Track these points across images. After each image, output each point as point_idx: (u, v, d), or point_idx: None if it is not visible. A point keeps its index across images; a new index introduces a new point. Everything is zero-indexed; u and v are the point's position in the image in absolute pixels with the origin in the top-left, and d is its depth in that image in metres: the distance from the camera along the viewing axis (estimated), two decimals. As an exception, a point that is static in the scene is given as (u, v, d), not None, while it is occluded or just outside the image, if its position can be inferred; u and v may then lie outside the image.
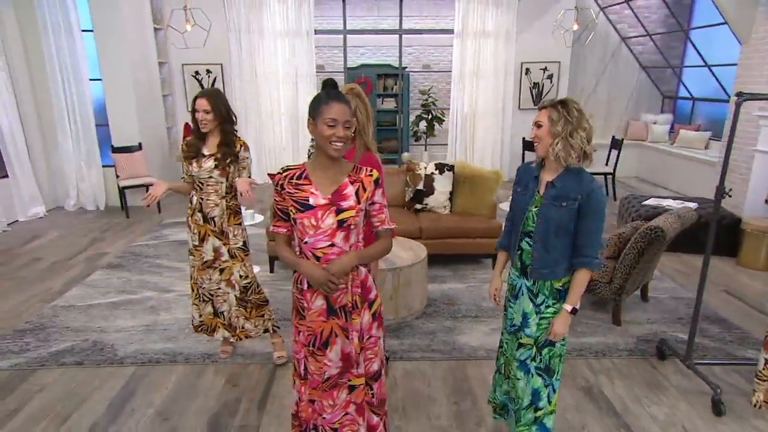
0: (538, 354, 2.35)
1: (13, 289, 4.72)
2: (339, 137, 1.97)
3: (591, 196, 2.16)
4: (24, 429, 2.89)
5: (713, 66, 8.27)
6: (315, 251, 2.05)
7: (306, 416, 2.25)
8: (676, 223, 3.64)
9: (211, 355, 3.58)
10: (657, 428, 2.85)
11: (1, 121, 6.41)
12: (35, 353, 3.62)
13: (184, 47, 7.63)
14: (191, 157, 3.18)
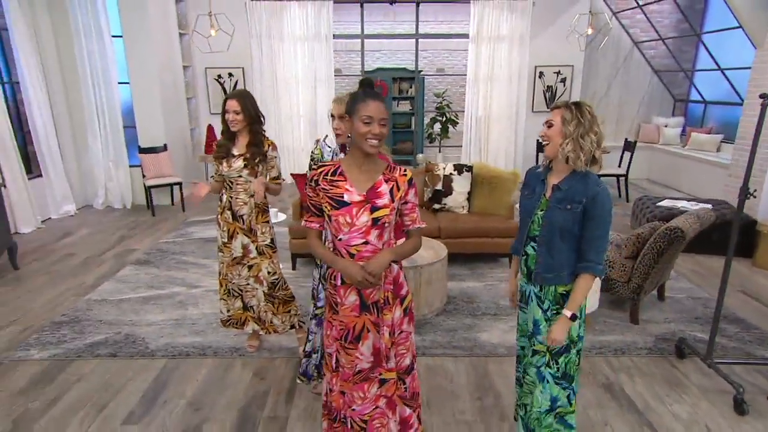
0: (554, 362, 2.26)
1: (48, 283, 4.77)
2: (374, 134, 1.96)
3: (596, 199, 2.07)
4: (64, 417, 2.93)
5: (726, 69, 8.16)
6: (349, 248, 2.04)
7: (336, 406, 2.25)
8: (696, 224, 3.60)
9: (239, 349, 3.59)
10: (680, 426, 2.82)
11: (36, 122, 6.48)
12: (72, 344, 3.66)
13: (208, 51, 7.68)
14: (221, 158, 3.21)
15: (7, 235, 4.92)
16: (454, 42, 10.06)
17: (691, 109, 9.70)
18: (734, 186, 6.76)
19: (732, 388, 3.01)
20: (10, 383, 3.23)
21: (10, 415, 2.93)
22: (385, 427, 2.21)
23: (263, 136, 3.25)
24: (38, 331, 3.85)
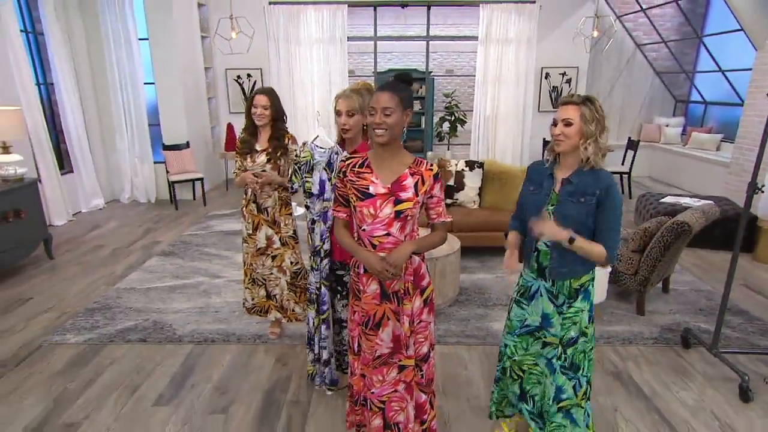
0: (563, 353, 2.21)
1: (80, 272, 4.81)
2: (377, 124, 1.93)
3: (610, 190, 2.01)
4: (101, 397, 2.96)
5: (727, 71, 8.07)
6: (372, 239, 2.03)
7: (357, 388, 2.27)
8: (701, 219, 3.56)
9: (261, 336, 3.60)
10: (686, 412, 2.80)
11: (68, 122, 6.53)
12: (104, 330, 3.69)
13: (229, 53, 7.69)
14: (245, 153, 3.22)
15: (43, 227, 4.97)
16: (462, 44, 10.02)
17: (692, 109, 9.60)
18: (734, 183, 6.71)
19: (737, 376, 2.98)
20: (49, 365, 3.27)
21: (50, 394, 2.97)
22: (403, 410, 2.21)
23: (284, 130, 3.25)
24: (73, 317, 3.88)
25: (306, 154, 2.69)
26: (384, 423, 2.23)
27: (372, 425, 2.25)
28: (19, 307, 4.07)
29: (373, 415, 2.23)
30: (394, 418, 2.22)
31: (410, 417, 2.22)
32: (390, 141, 1.98)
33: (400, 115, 1.94)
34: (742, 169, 6.65)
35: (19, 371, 3.20)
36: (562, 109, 2.03)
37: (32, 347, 3.48)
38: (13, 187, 4.50)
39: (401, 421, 2.21)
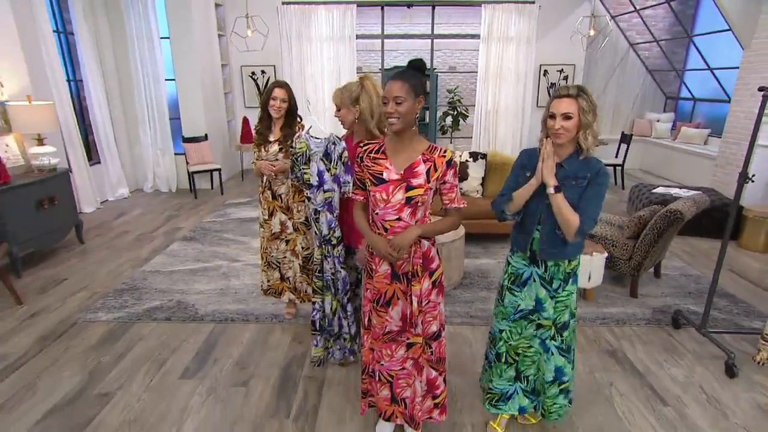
0: (558, 335, 2.22)
1: (109, 255, 4.84)
2: (389, 113, 1.91)
3: (599, 173, 2.01)
4: (132, 369, 3.00)
5: (715, 69, 8.00)
6: (384, 222, 2.03)
7: (366, 360, 2.29)
8: (693, 207, 3.56)
9: (278, 315, 3.62)
10: (677, 388, 2.82)
11: (96, 116, 6.53)
12: (132, 309, 3.71)
13: (245, 50, 7.67)
14: (260, 144, 3.22)
15: (74, 214, 4.99)
16: (465, 42, 9.95)
17: (681, 105, 9.53)
18: (720, 175, 6.68)
19: (723, 354, 3.01)
20: (83, 340, 3.31)
21: (86, 367, 3.01)
22: (410, 386, 2.22)
23: (296, 122, 3.23)
24: (103, 296, 3.92)
25: (302, 146, 2.58)
26: (391, 395, 2.26)
27: (380, 395, 2.27)
28: (55, 287, 4.11)
29: (381, 386, 2.26)
30: (401, 393, 2.24)
31: (417, 392, 2.22)
32: (404, 128, 1.96)
33: (412, 103, 1.91)
34: (728, 162, 6.61)
35: (57, 345, 3.24)
36: (560, 103, 1.98)
37: (68, 324, 3.52)
38: (48, 177, 4.51)
39: (408, 396, 2.24)
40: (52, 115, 4.54)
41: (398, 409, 2.26)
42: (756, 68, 6.02)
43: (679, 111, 9.54)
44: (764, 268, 4.58)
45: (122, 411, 2.62)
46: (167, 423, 2.53)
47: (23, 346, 3.24)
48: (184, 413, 2.60)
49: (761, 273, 4.45)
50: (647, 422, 2.53)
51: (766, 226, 4.93)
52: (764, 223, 4.93)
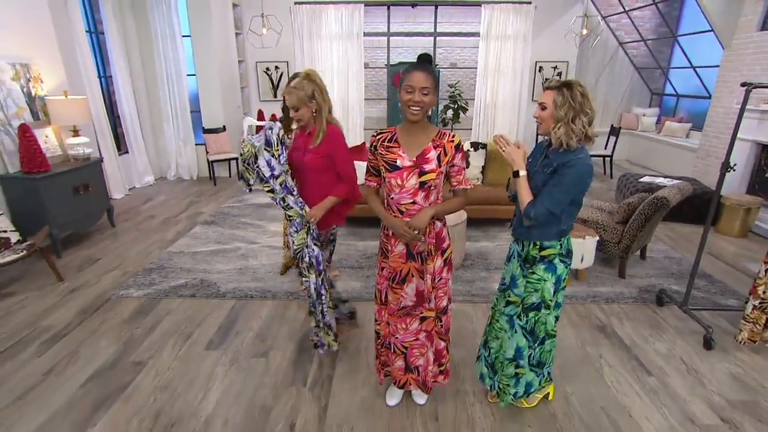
0: (524, 315, 2.14)
1: (138, 238, 4.87)
2: (415, 102, 1.87)
3: (567, 164, 1.88)
4: (162, 340, 3.04)
5: (698, 67, 7.91)
6: (399, 206, 2.03)
7: (384, 334, 2.30)
8: (678, 194, 3.54)
9: (293, 293, 3.63)
10: (660, 359, 2.84)
11: (124, 109, 6.51)
12: (160, 286, 3.74)
13: (261, 47, 7.61)
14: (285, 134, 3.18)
15: (106, 199, 5.00)
16: (465, 40, 9.84)
17: (666, 101, 9.44)
18: (701, 166, 6.66)
19: (702, 329, 3.03)
20: (117, 314, 3.35)
21: (120, 338, 3.05)
22: (423, 356, 2.26)
23: None
24: (134, 275, 3.95)
25: (248, 148, 2.45)
26: (405, 365, 2.29)
27: (395, 365, 2.31)
28: (91, 266, 4.15)
29: (396, 357, 2.29)
30: (415, 362, 2.27)
31: (429, 361, 2.27)
32: (422, 118, 1.94)
33: (434, 96, 1.90)
34: (708, 154, 6.59)
35: (95, 319, 3.29)
36: (543, 94, 1.96)
37: (103, 299, 3.56)
38: (82, 165, 4.51)
39: (421, 365, 2.27)
40: (85, 109, 4.53)
41: (412, 376, 2.30)
42: (735, 67, 5.98)
43: (664, 106, 9.46)
44: (739, 251, 4.59)
45: (154, 378, 2.66)
46: (195, 389, 2.57)
47: (66, 318, 3.28)
48: (210, 381, 2.64)
49: (736, 256, 4.46)
50: (633, 390, 2.56)
51: (741, 212, 4.92)
52: (739, 210, 4.92)
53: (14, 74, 4.16)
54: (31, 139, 3.99)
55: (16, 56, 4.21)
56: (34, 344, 2.96)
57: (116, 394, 2.52)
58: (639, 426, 2.30)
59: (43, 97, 4.44)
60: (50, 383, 2.61)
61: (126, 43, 6.58)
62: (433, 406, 2.42)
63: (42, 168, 4.07)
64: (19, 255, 3.48)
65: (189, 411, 2.39)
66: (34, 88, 4.36)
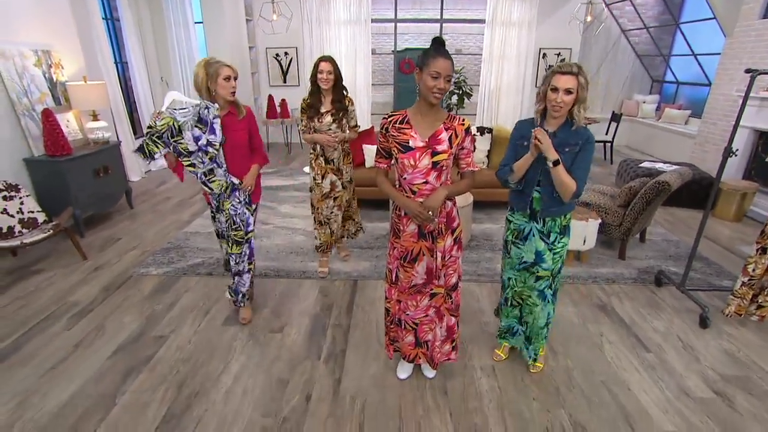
0: (553, 282, 2.30)
1: (155, 218, 4.90)
2: (440, 89, 1.85)
3: (589, 141, 2.05)
4: (181, 316, 3.08)
5: (699, 55, 7.77)
6: (412, 186, 2.02)
7: (393, 311, 2.32)
8: (678, 179, 3.52)
9: (305, 272, 3.65)
10: (658, 337, 2.87)
11: (139, 94, 6.50)
12: (178, 265, 3.77)
13: (271, 33, 7.53)
14: (312, 116, 3.20)
15: (124, 182, 5.02)
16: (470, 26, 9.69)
17: (666, 88, 9.30)
18: (699, 152, 6.61)
19: (698, 308, 3.06)
20: (138, 291, 3.39)
21: (143, 314, 3.10)
22: (432, 331, 2.28)
23: (344, 93, 3.23)
24: (153, 254, 3.98)
25: (165, 121, 2.40)
26: (415, 340, 2.32)
27: (405, 341, 2.34)
28: (112, 245, 4.19)
29: (406, 333, 2.31)
30: (424, 337, 2.30)
31: (437, 336, 2.29)
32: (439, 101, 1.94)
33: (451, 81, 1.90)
34: (706, 140, 6.53)
35: (118, 295, 3.33)
36: (562, 79, 1.96)
37: (125, 277, 3.60)
38: (102, 149, 4.52)
39: (430, 339, 2.30)
40: (104, 94, 4.52)
41: (421, 351, 2.33)
42: (737, 54, 5.88)
43: (664, 93, 9.33)
44: (734, 234, 4.58)
45: (176, 351, 2.70)
46: (215, 361, 2.62)
47: (91, 294, 3.33)
48: (229, 354, 2.68)
49: (731, 239, 4.46)
50: (632, 365, 2.59)
51: (737, 197, 4.90)
52: (736, 195, 4.90)
53: (36, 60, 4.15)
54: (54, 123, 4.00)
55: (38, 43, 4.20)
56: (63, 318, 3.02)
57: (141, 365, 2.58)
58: (637, 399, 2.34)
59: (64, 82, 4.43)
60: (80, 355, 2.66)
61: (141, 30, 6.53)
62: (441, 380, 2.46)
63: (65, 151, 4.08)
64: (46, 234, 3.52)
65: (210, 382, 2.45)
66: (56, 74, 4.35)
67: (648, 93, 9.46)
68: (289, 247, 4.11)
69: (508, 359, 2.63)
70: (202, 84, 2.54)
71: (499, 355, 2.63)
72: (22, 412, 2.23)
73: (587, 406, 2.29)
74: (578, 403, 2.31)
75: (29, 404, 2.29)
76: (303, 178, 6.43)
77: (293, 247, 4.12)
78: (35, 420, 2.19)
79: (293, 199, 5.53)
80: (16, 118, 3.95)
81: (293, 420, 2.19)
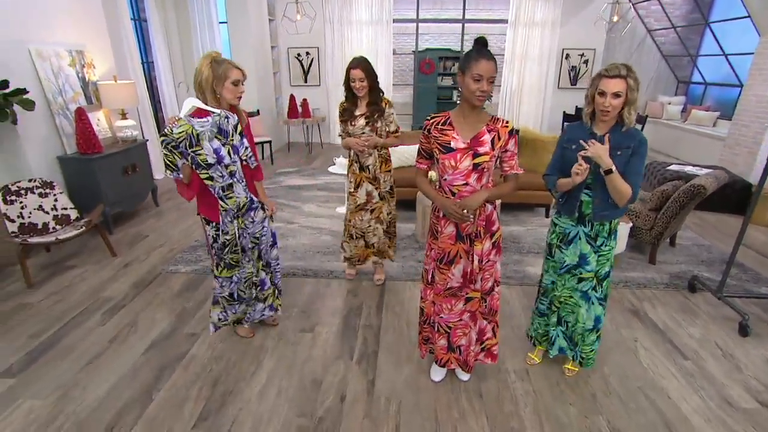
0: (599, 286, 2.27)
1: (180, 216, 4.96)
2: (483, 91, 1.83)
3: (642, 141, 2.01)
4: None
5: (730, 55, 7.62)
6: (452, 187, 2.00)
7: (428, 312, 2.31)
8: (714, 183, 3.45)
9: (333, 272, 3.64)
10: (695, 344, 2.81)
11: (164, 93, 6.59)
12: (205, 263, 3.79)
13: (294, 33, 7.58)
14: (346, 120, 3.01)
15: (150, 180, 5.10)
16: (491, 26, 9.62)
17: (692, 89, 9.14)
18: (728, 155, 6.47)
19: (736, 315, 3.00)
20: (168, 288, 3.43)
21: (173, 311, 3.13)
22: (466, 335, 2.26)
23: (381, 95, 2.98)
24: (180, 252, 4.03)
25: (184, 129, 2.17)
26: (448, 344, 2.30)
27: (438, 344, 2.32)
28: (140, 242, 4.25)
29: (439, 336, 2.29)
30: (457, 342, 2.28)
31: (471, 341, 2.27)
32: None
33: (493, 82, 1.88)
34: (737, 143, 6.40)
35: (148, 292, 3.38)
36: (610, 82, 1.94)
37: (154, 274, 3.65)
38: (130, 147, 4.60)
39: (463, 344, 2.27)
40: (134, 93, 4.60)
41: (453, 356, 2.31)
42: (772, 54, 5.74)
43: (690, 94, 9.17)
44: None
45: (208, 348, 2.73)
46: (248, 359, 2.63)
47: (122, 291, 3.39)
48: (261, 352, 2.70)
49: (767, 245, 4.35)
50: (669, 372, 2.55)
51: (773, 202, 4.78)
52: (772, 200, 4.78)
53: (71, 60, 4.24)
54: (86, 122, 4.08)
55: (72, 43, 4.29)
56: (97, 314, 3.08)
57: (175, 362, 2.61)
58: (677, 406, 2.29)
59: (95, 82, 4.52)
60: (115, 350, 2.71)
61: (167, 32, 6.63)
62: (476, 384, 2.44)
63: (96, 149, 4.16)
64: (78, 231, 3.59)
65: (244, 381, 2.46)
66: (88, 74, 4.44)
67: (673, 94, 9.31)
68: (315, 247, 4.12)
69: (541, 363, 2.61)
70: (206, 84, 2.25)
71: (532, 359, 2.61)
72: (64, 406, 2.28)
73: (625, 413, 2.25)
74: (616, 409, 2.27)
75: (70, 398, 2.33)
76: (325, 178, 6.46)
77: (320, 246, 4.14)
78: (76, 413, 2.23)
79: (317, 199, 5.55)
80: (51, 117, 4.04)
81: (329, 420, 2.20)
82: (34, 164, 3.88)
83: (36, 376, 2.49)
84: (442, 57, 10.13)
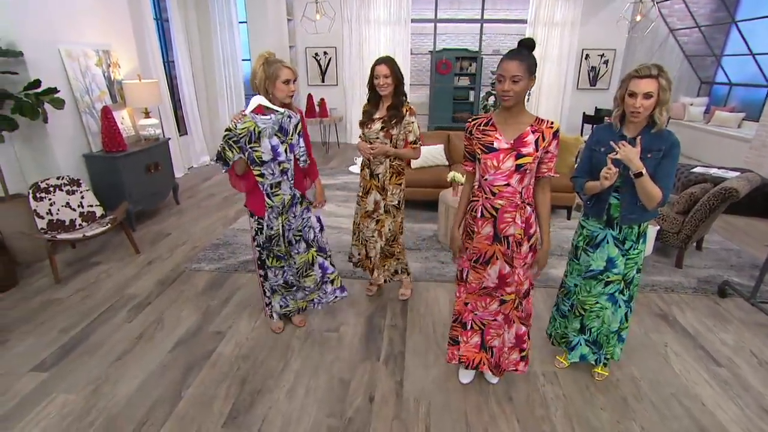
0: (627, 288, 2.25)
1: (202, 214, 5.00)
2: (504, 91, 1.83)
3: (674, 143, 1.97)
4: (236, 313, 3.13)
5: (758, 54, 7.47)
6: (492, 187, 1.99)
7: (459, 309, 2.29)
8: (747, 186, 3.39)
9: (355, 272, 3.62)
10: (728, 350, 2.76)
11: (184, 93, 6.65)
12: (228, 261, 3.84)
13: (314, 33, 7.62)
14: (364, 123, 2.88)
15: (172, 178, 5.15)
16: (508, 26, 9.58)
17: (716, 90, 8.99)
18: (754, 157, 6.35)
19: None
20: (192, 286, 3.47)
21: (199, 309, 3.16)
22: (499, 337, 2.24)
23: (404, 100, 2.79)
24: (203, 250, 4.06)
25: (247, 125, 2.28)
26: (481, 342, 2.29)
27: (470, 342, 2.30)
28: (163, 240, 4.30)
29: (472, 333, 2.28)
30: (491, 342, 2.26)
31: (505, 342, 2.24)
32: (515, 104, 1.90)
33: (527, 82, 1.84)
34: (764, 144, 6.27)
35: (173, 290, 3.42)
36: (640, 83, 1.91)
37: (178, 272, 3.69)
38: (153, 145, 4.66)
39: (496, 345, 2.26)
40: (157, 92, 4.65)
41: (485, 356, 2.29)
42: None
43: (713, 95, 9.02)
44: (801, 245, 4.38)
45: (234, 347, 2.75)
46: (275, 358, 2.65)
47: (147, 288, 3.43)
48: (288, 351, 2.71)
49: (798, 250, 4.26)
50: (702, 378, 2.50)
51: (804, 206, 4.68)
52: (803, 204, 4.68)
53: (98, 60, 4.30)
54: (111, 120, 4.14)
55: (99, 43, 4.36)
56: (124, 310, 3.12)
57: (202, 360, 2.63)
58: (713, 414, 2.26)
59: (120, 81, 4.58)
60: (142, 347, 2.74)
61: (187, 32, 6.69)
62: (504, 387, 2.43)
63: (120, 148, 4.22)
64: (104, 228, 3.64)
65: (272, 380, 2.47)
66: (113, 73, 4.51)
67: (696, 95, 9.16)
68: (336, 247, 4.12)
69: (568, 367, 2.58)
70: (260, 84, 2.40)
71: (561, 362, 2.59)
72: (96, 401, 2.31)
73: (659, 419, 2.22)
74: (649, 415, 2.24)
75: (101, 393, 2.37)
76: (344, 177, 6.47)
77: (341, 246, 4.14)
78: (108, 408, 2.26)
79: (336, 198, 5.57)
80: (79, 116, 4.11)
81: (359, 421, 2.20)
82: (62, 162, 3.95)
83: (67, 370, 2.53)
84: (458, 57, 10.08)
